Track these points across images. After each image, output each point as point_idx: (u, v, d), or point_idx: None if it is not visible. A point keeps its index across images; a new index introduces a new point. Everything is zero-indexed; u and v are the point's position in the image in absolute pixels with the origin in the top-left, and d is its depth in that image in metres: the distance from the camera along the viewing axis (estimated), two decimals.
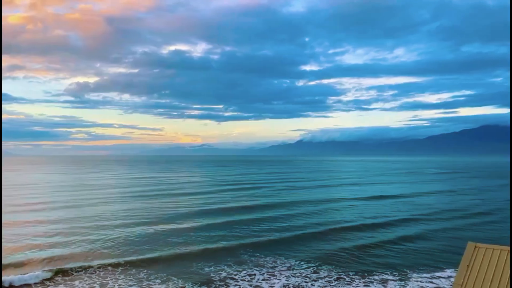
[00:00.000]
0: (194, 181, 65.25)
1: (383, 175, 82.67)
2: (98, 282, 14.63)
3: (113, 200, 38.34)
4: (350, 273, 16.56)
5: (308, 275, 16.28)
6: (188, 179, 70.68)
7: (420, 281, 15.57)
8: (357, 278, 15.88)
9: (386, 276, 16.10)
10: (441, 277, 16.20)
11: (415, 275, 16.35)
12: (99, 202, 36.39)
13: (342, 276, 16.18)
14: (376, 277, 15.90)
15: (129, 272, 15.87)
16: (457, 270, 8.27)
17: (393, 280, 15.59)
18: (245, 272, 16.60)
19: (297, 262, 18.06)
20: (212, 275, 16.23)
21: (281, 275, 16.12)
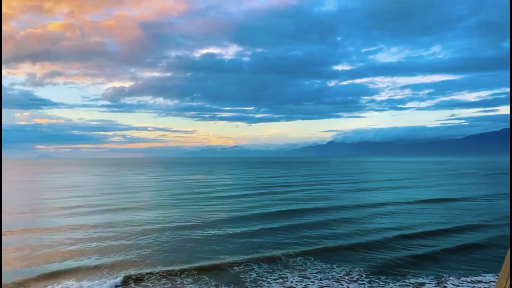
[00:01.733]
0: (228, 184, 66.00)
1: (425, 177, 79.68)
2: None
3: (153, 203, 38.93)
4: (382, 276, 16.19)
5: (341, 278, 16.06)
6: (222, 182, 71.58)
7: (458, 286, 15.46)
8: (392, 281, 15.57)
9: (421, 279, 15.83)
10: (482, 282, 15.97)
11: (452, 278, 15.80)
12: (140, 205, 36.96)
13: (373, 279, 15.82)
14: (412, 280, 15.63)
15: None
16: (497, 276, 8.30)
17: (428, 283, 15.39)
18: (276, 274, 16.65)
19: (329, 265, 17.72)
20: (241, 276, 16.40)
21: (315, 278, 16.07)
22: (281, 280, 15.94)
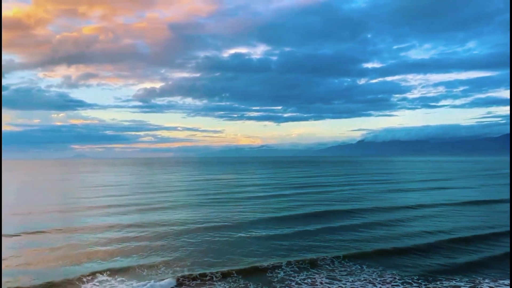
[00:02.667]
0: (258, 184, 65.81)
1: (460, 178, 76.53)
2: None
3: (183, 203, 39.07)
4: (415, 277, 15.91)
5: (373, 280, 15.68)
6: (251, 181, 71.49)
7: None
8: (424, 283, 15.21)
9: (454, 282, 15.32)
10: None
11: (487, 281, 15.32)
12: (171, 205, 37.21)
13: (407, 280, 15.53)
14: (445, 283, 15.15)
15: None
16: None
17: (463, 286, 14.84)
18: (304, 274, 16.47)
19: (358, 266, 17.40)
20: (268, 274, 16.41)
21: (347, 281, 15.67)
22: (309, 281, 15.74)
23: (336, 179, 74.55)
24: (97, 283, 15.41)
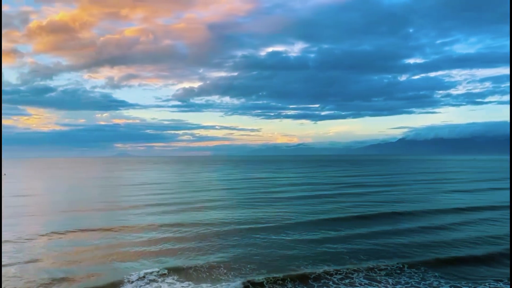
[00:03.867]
0: (297, 183, 64.81)
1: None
2: None
3: (224, 202, 38.96)
4: (462, 281, 15.21)
5: (415, 284, 15.00)
6: (292, 181, 70.54)
7: None
8: (473, 285, 14.67)
9: (501, 284, 14.72)
10: None
11: None
12: (212, 205, 37.13)
13: (455, 284, 14.86)
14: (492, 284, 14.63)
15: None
16: None
17: None
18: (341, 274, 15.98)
19: (399, 267, 16.77)
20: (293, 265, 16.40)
21: (387, 282, 15.08)
22: None
23: (379, 179, 72.18)
24: (145, 283, 15.31)
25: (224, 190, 53.46)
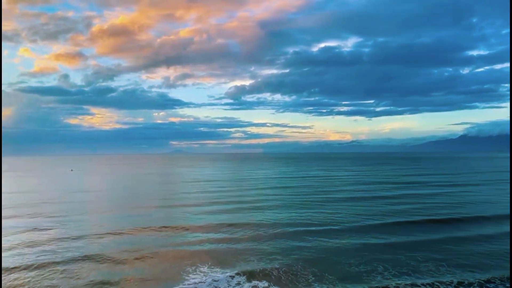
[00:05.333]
0: (356, 182, 62.26)
1: None
2: None
3: (285, 202, 37.99)
4: None
5: None
6: (349, 180, 68.11)
7: None
8: None
9: None
10: None
11: None
12: (273, 204, 36.48)
13: None
14: None
15: None
16: None
17: None
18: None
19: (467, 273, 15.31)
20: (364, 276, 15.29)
21: None
22: None
23: (442, 178, 67.57)
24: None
25: (278, 188, 52.63)
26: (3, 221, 28.61)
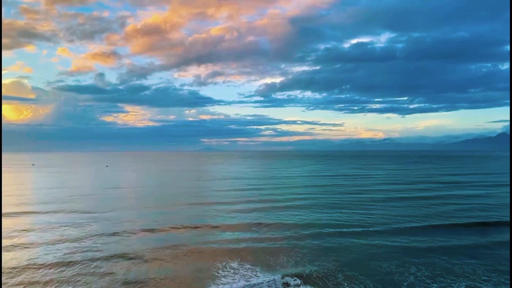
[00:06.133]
0: (393, 182, 60.52)
1: None
2: None
3: (319, 201, 37.22)
4: None
5: None
6: (385, 179, 66.18)
7: None
8: None
9: None
10: None
11: None
12: (307, 203, 35.78)
13: None
14: None
15: None
16: None
17: None
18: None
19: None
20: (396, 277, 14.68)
21: None
22: None
23: (482, 178, 64.22)
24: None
25: (309, 187, 51.78)
26: (42, 216, 29.43)
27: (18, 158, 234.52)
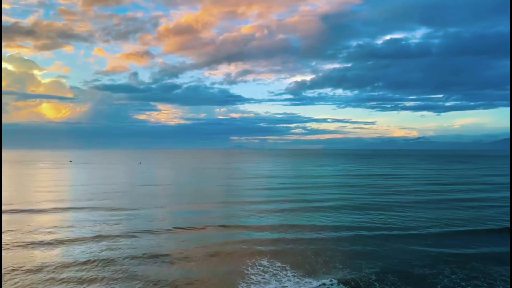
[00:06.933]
0: (428, 182, 58.44)
1: None
2: None
3: (356, 203, 36.26)
4: None
5: None
6: (420, 179, 64.22)
7: None
8: None
9: None
10: None
11: None
12: (341, 204, 34.95)
13: None
14: None
15: None
16: None
17: None
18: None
19: None
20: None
21: None
22: None
23: None
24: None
25: (341, 187, 50.72)
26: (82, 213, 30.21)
27: (57, 155, 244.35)
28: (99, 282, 15.29)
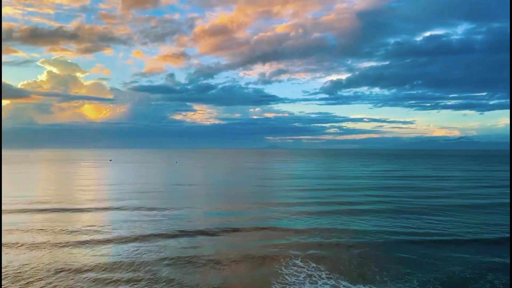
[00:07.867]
0: (476, 184, 55.63)
1: None
2: None
3: (391, 205, 34.94)
4: None
5: None
6: (465, 181, 61.24)
7: None
8: None
9: None
10: None
11: None
12: (378, 208, 33.79)
13: None
14: None
15: None
16: None
17: None
18: None
19: None
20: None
21: None
22: None
23: None
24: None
25: (380, 189, 49.03)
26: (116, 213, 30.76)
27: (99, 154, 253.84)
28: (128, 285, 15.23)
